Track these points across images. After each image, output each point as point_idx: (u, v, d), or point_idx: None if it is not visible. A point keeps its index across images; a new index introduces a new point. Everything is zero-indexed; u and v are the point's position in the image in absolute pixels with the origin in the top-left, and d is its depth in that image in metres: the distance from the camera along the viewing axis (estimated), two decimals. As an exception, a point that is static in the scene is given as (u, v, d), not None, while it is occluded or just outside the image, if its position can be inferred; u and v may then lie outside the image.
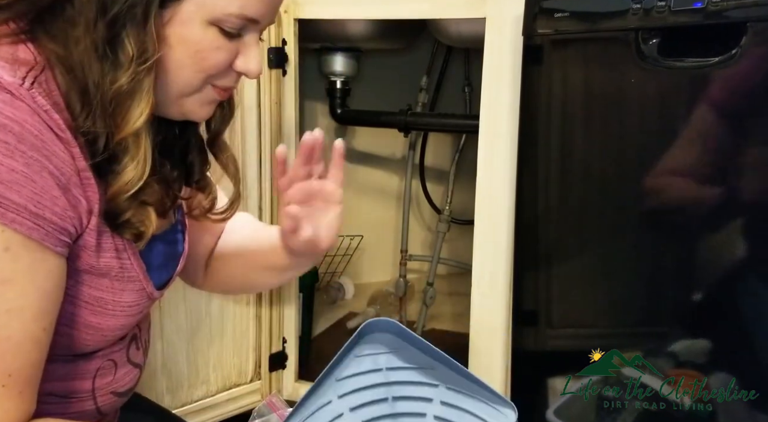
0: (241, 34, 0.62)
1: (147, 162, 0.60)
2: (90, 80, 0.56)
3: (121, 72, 0.57)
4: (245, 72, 0.65)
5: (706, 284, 0.94)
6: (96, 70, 0.56)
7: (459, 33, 1.41)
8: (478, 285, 1.15)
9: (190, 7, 0.58)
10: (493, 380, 1.14)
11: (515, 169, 1.06)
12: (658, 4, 0.88)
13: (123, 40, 0.57)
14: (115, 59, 0.57)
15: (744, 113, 0.88)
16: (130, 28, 0.57)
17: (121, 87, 0.57)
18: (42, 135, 0.53)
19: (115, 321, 0.65)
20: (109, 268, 0.62)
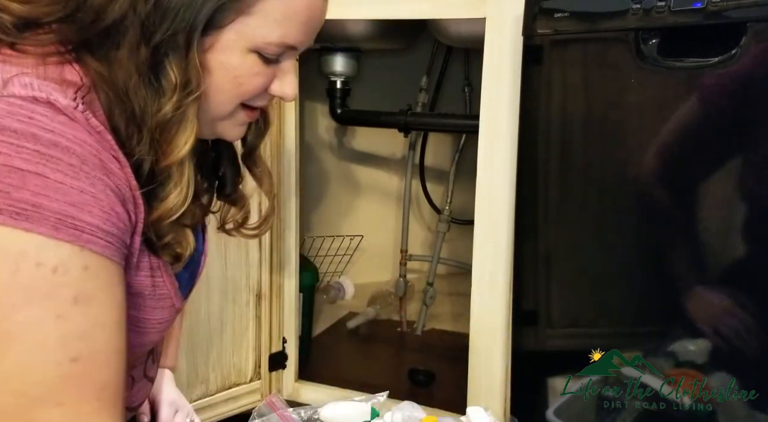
0: (279, 60, 0.63)
1: (190, 188, 0.62)
2: (136, 105, 0.57)
3: (165, 100, 0.58)
4: (281, 96, 0.66)
5: (707, 284, 0.94)
6: (141, 96, 0.57)
7: (459, 33, 1.40)
8: (478, 285, 1.15)
9: (231, 35, 0.59)
10: (493, 380, 1.15)
11: (515, 169, 1.06)
12: (658, 4, 0.88)
13: (166, 67, 0.58)
14: (159, 86, 0.58)
15: (744, 113, 0.88)
16: (173, 56, 0.58)
17: (166, 115, 0.58)
18: (100, 154, 0.54)
19: (145, 339, 0.66)
20: (143, 287, 0.62)
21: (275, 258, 1.35)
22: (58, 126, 0.52)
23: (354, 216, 2.00)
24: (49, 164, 0.51)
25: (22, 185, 0.50)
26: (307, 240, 1.86)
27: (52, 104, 0.53)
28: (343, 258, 1.95)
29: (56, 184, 0.51)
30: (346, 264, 1.97)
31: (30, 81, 0.53)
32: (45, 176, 0.51)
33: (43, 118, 0.52)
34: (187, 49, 0.58)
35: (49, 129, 0.52)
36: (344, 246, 1.93)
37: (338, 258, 1.94)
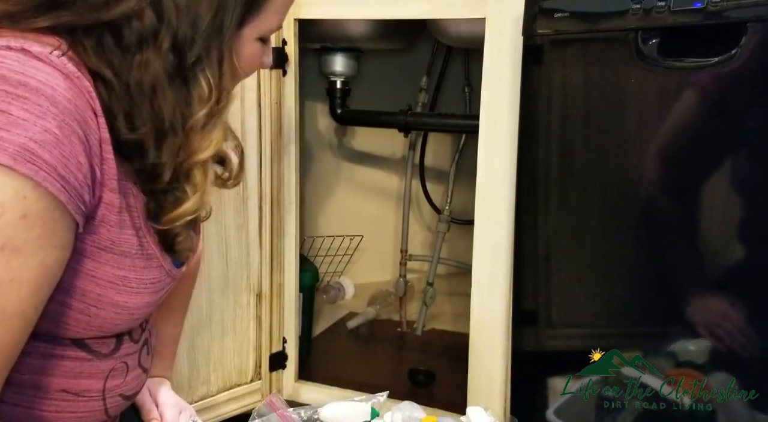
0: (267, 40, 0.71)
1: (206, 193, 0.64)
2: (164, 110, 0.59)
3: (199, 107, 0.60)
4: (266, 65, 0.72)
5: (707, 284, 0.94)
6: (170, 101, 0.59)
7: (459, 33, 1.40)
8: (478, 285, 1.15)
9: (248, 30, 0.65)
10: (493, 380, 1.15)
11: (515, 169, 1.06)
12: (658, 4, 0.88)
13: (198, 76, 0.60)
14: (188, 93, 0.60)
15: (744, 113, 0.88)
16: (207, 66, 0.60)
17: (199, 122, 0.60)
18: (75, 100, 0.54)
19: (140, 299, 0.66)
20: (130, 246, 0.62)
21: (275, 259, 1.35)
22: (29, 69, 0.52)
23: (354, 217, 2.00)
24: (14, 102, 0.51)
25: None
26: (307, 240, 1.86)
27: (26, 50, 0.53)
28: (343, 258, 1.95)
29: (19, 120, 0.51)
30: (346, 264, 1.97)
31: (7, 38, 0.54)
32: (9, 113, 0.51)
33: (13, 62, 0.52)
34: (220, 59, 0.62)
35: (19, 71, 0.52)
36: (344, 246, 1.93)
37: (338, 258, 1.94)
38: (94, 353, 0.66)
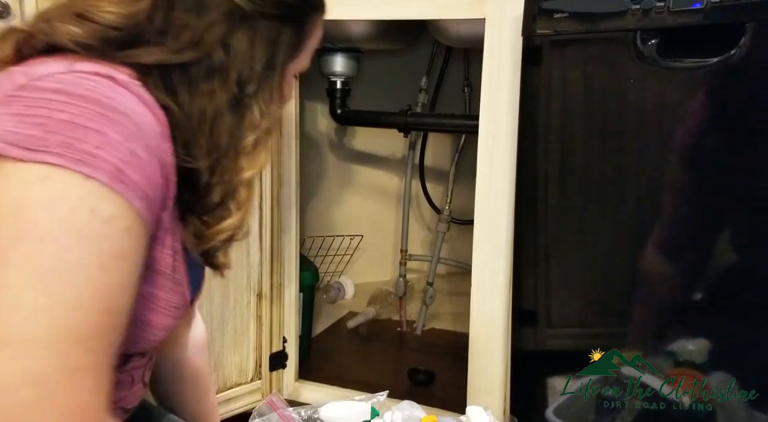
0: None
1: (249, 211, 0.69)
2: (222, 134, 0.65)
3: (250, 132, 0.67)
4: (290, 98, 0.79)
5: (706, 284, 0.94)
6: (226, 127, 0.66)
7: (459, 33, 1.41)
8: (478, 285, 1.15)
9: (291, 66, 0.71)
10: (493, 380, 1.15)
11: (515, 169, 1.07)
12: (657, 4, 0.88)
13: (253, 106, 0.68)
14: (241, 120, 0.67)
15: (744, 113, 0.88)
16: (261, 97, 0.68)
17: (248, 146, 0.67)
18: (154, 126, 0.59)
19: (164, 320, 0.67)
20: (165, 266, 0.64)
21: (275, 259, 1.35)
22: (117, 96, 0.57)
23: (354, 217, 2.00)
24: (108, 125, 0.56)
25: (84, 139, 0.54)
26: (307, 240, 1.86)
27: (112, 77, 0.59)
28: (343, 258, 1.95)
29: (114, 141, 0.55)
30: (346, 264, 1.97)
31: (91, 63, 0.59)
32: (105, 134, 0.55)
33: (105, 88, 0.57)
34: (271, 91, 0.69)
35: (110, 96, 0.57)
36: (344, 246, 1.93)
37: (338, 258, 1.94)
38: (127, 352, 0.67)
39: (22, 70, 0.59)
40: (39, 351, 0.51)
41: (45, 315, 0.52)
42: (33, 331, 0.51)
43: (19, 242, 0.52)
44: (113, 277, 0.55)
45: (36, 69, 0.58)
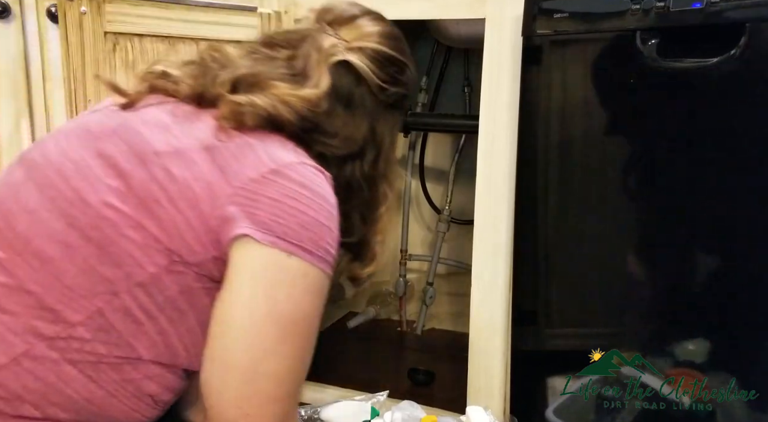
0: None
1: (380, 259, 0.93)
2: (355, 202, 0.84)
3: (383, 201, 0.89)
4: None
5: (706, 284, 0.94)
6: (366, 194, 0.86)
7: (459, 33, 1.40)
8: (478, 285, 1.15)
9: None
10: (492, 380, 1.15)
11: (515, 169, 1.07)
12: (657, 4, 0.88)
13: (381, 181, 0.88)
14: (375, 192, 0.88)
15: (743, 113, 0.88)
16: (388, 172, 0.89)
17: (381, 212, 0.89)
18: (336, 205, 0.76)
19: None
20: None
21: (275, 259, 1.35)
22: (330, 191, 0.75)
23: (354, 216, 2.00)
24: (333, 221, 0.75)
25: (323, 236, 0.73)
26: (308, 240, 1.86)
27: (324, 174, 0.76)
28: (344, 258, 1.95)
29: (335, 235, 0.75)
30: (346, 264, 1.96)
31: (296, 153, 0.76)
32: (332, 230, 0.74)
33: (326, 186, 0.75)
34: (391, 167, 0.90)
35: (330, 194, 0.75)
36: (344, 246, 1.93)
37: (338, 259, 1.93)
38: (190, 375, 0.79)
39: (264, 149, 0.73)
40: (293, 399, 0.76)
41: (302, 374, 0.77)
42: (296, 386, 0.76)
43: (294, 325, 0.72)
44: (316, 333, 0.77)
45: (278, 154, 0.73)
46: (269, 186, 0.70)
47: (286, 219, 0.69)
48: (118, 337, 0.69)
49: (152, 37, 1.25)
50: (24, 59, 1.34)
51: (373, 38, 0.86)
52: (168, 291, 0.69)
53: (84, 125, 0.77)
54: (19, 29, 1.33)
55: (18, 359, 0.66)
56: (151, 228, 0.68)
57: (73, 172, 0.70)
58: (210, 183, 0.69)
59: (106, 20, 1.25)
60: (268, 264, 0.69)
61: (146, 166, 0.69)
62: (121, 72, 1.28)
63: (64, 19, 1.25)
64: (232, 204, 0.68)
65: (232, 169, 0.70)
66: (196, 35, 1.23)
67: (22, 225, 0.69)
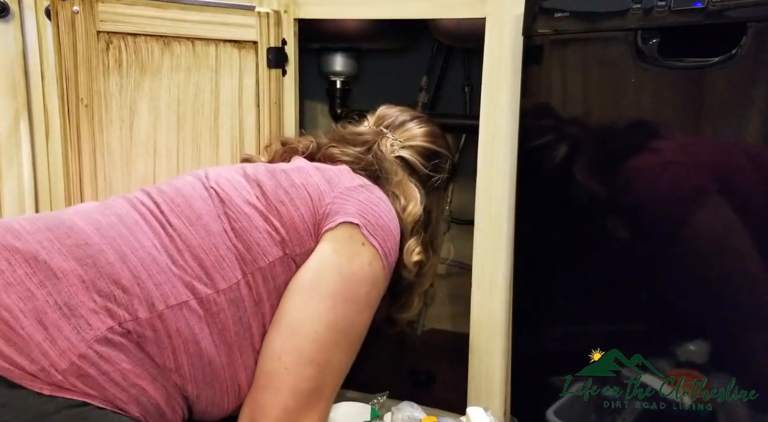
0: None
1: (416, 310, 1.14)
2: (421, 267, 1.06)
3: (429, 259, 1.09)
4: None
5: (707, 284, 0.94)
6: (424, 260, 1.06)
7: (459, 33, 1.40)
8: (478, 285, 1.15)
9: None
10: (493, 380, 1.15)
11: (515, 169, 1.06)
12: (658, 3, 0.88)
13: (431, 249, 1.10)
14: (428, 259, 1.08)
15: (744, 113, 0.88)
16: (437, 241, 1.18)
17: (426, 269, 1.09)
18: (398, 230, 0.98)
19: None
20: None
21: (275, 258, 1.35)
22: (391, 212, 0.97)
23: (354, 216, 1.99)
24: (398, 234, 0.96)
25: (390, 238, 0.93)
26: (307, 240, 1.85)
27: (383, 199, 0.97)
28: (343, 258, 1.94)
29: (397, 243, 0.95)
30: (345, 264, 1.96)
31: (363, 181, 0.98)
32: (396, 240, 0.95)
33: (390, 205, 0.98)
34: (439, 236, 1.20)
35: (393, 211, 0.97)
36: (344, 246, 1.92)
37: (338, 258, 1.93)
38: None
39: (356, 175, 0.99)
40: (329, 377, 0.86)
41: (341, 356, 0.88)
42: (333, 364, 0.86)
43: (346, 302, 0.87)
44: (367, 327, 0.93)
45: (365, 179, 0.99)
46: (360, 193, 0.93)
47: (368, 216, 0.90)
48: (243, 313, 0.84)
49: (146, 37, 1.25)
50: (23, 58, 1.34)
51: (420, 138, 1.12)
52: (278, 279, 0.86)
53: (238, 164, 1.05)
54: (17, 28, 1.33)
55: (182, 305, 0.80)
56: (274, 222, 0.87)
57: (226, 182, 0.92)
58: (319, 188, 0.91)
59: (99, 19, 1.25)
60: (349, 236, 0.88)
61: (275, 177, 0.93)
62: (115, 72, 1.27)
63: (56, 18, 1.25)
64: (333, 203, 0.90)
65: (334, 181, 0.94)
66: (191, 35, 1.23)
67: (197, 204, 0.88)
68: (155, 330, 0.77)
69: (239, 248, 0.85)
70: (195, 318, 0.80)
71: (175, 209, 0.88)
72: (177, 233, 0.85)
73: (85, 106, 1.29)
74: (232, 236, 0.86)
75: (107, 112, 1.30)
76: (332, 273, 0.86)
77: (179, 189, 0.92)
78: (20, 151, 1.37)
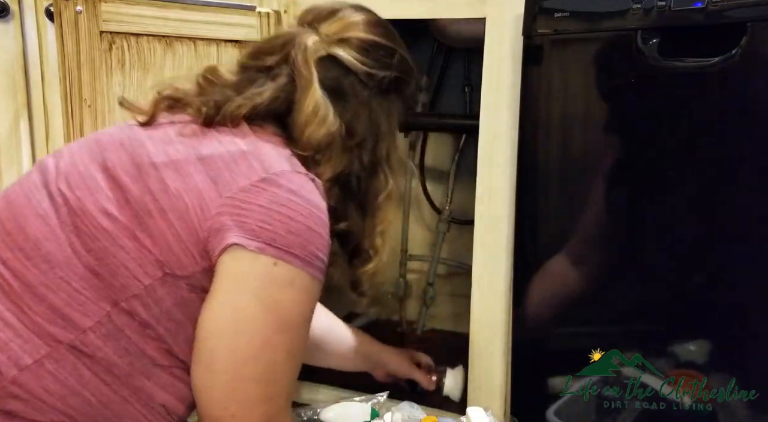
0: None
1: (386, 254, 0.90)
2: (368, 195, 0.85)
3: (382, 190, 0.86)
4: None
5: (707, 284, 0.94)
6: (365, 183, 0.84)
7: (459, 33, 1.40)
8: (478, 285, 1.15)
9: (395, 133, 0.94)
10: (493, 380, 1.15)
11: (515, 169, 1.06)
12: (658, 4, 0.88)
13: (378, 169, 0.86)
14: (375, 182, 0.86)
15: (744, 113, 0.88)
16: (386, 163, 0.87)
17: (381, 202, 0.86)
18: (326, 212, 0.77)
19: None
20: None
21: (275, 259, 1.35)
22: (320, 198, 0.76)
23: (354, 217, 2.00)
24: (323, 227, 0.75)
25: (312, 242, 0.73)
26: (307, 240, 1.86)
27: (314, 181, 0.77)
28: (343, 258, 1.95)
29: (325, 241, 0.75)
30: (346, 264, 1.96)
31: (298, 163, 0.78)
32: (322, 236, 0.75)
33: (315, 191, 0.76)
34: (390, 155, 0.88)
35: (320, 201, 0.76)
36: (344, 247, 1.93)
37: (338, 258, 1.93)
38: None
39: (255, 156, 0.74)
40: (281, 400, 0.75)
41: (289, 377, 0.76)
42: (283, 389, 0.75)
43: (280, 332, 0.72)
44: (306, 338, 0.78)
45: (270, 162, 0.74)
46: (259, 194, 0.71)
47: (274, 226, 0.71)
48: (128, 343, 0.71)
49: (149, 37, 1.25)
50: (23, 58, 1.34)
51: (357, 28, 0.86)
52: (164, 303, 0.71)
53: (97, 138, 0.80)
54: (17, 28, 1.33)
55: (41, 360, 0.68)
56: (144, 240, 0.70)
57: (79, 181, 0.73)
58: (201, 194, 0.71)
59: (102, 20, 1.25)
60: (256, 271, 0.70)
61: (143, 178, 0.72)
62: (117, 72, 1.27)
63: (59, 18, 1.25)
64: (222, 214, 0.70)
65: (224, 179, 0.72)
66: (193, 35, 1.23)
67: (32, 228, 0.71)
68: (19, 398, 0.67)
69: (101, 274, 0.70)
70: (66, 369, 0.69)
71: (5, 239, 0.72)
72: (12, 272, 0.70)
73: (88, 106, 1.30)
74: (90, 260, 0.70)
75: (110, 112, 1.30)
76: (252, 307, 0.70)
77: (11, 203, 0.75)
78: (20, 151, 1.37)
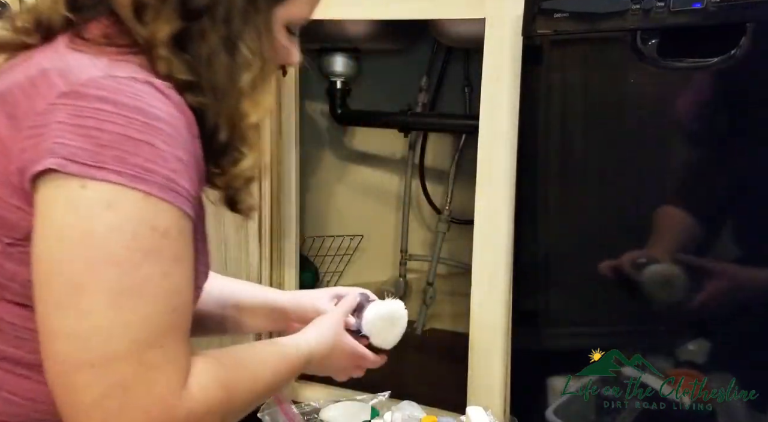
0: (295, 34, 0.74)
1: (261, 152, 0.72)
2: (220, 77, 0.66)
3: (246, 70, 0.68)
4: (294, 61, 0.77)
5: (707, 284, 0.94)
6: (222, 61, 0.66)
7: (459, 33, 1.40)
8: (478, 285, 1.15)
9: (279, 11, 0.70)
10: (493, 380, 1.15)
11: (515, 169, 1.06)
12: (657, 4, 0.88)
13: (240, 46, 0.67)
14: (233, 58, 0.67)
15: (743, 113, 0.88)
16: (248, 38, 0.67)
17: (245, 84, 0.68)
18: (189, 129, 0.62)
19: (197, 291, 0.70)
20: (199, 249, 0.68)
21: (275, 259, 1.35)
22: (157, 103, 0.59)
23: (354, 217, 2.00)
24: (156, 135, 0.58)
25: (136, 152, 0.57)
26: (307, 241, 1.86)
27: (150, 83, 0.60)
28: (343, 258, 1.95)
29: (162, 152, 0.58)
30: (346, 264, 1.97)
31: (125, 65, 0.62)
32: (153, 145, 0.58)
33: (145, 95, 0.59)
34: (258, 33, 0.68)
35: (152, 105, 0.59)
36: (344, 246, 1.93)
37: (338, 258, 1.94)
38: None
39: (58, 71, 0.60)
40: (120, 365, 0.56)
41: (123, 330, 0.57)
42: (114, 348, 0.56)
43: (93, 269, 0.56)
44: (175, 280, 0.60)
45: (73, 73, 0.59)
46: (58, 111, 0.57)
47: (76, 140, 0.56)
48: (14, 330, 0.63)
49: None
50: (23, 59, 1.34)
51: None
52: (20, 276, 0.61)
53: None
54: (18, 29, 1.33)
55: None
56: None
57: None
58: (1, 136, 0.60)
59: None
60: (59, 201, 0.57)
61: None
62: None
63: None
64: (24, 150, 0.58)
65: (22, 111, 0.59)
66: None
67: None
68: None
69: None
70: None
71: None
72: None
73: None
74: None
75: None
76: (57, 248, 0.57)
77: None
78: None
